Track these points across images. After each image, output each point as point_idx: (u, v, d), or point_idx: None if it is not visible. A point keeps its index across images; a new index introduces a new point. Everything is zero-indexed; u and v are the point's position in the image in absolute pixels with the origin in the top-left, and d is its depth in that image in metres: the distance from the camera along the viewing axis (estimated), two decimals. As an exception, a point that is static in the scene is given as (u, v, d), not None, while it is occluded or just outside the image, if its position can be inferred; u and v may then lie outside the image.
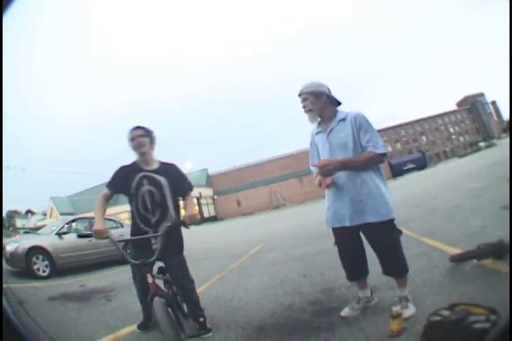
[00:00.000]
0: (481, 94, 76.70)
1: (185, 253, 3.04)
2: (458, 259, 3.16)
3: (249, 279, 4.62)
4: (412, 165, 46.58)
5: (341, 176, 2.49)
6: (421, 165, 47.13)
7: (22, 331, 1.53)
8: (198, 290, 4.35)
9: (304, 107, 2.59)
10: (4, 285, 2.87)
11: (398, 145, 70.13)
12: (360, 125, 2.47)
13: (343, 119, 2.53)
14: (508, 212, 4.26)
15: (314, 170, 2.71)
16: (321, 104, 2.56)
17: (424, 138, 72.49)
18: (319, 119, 2.63)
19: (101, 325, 3.31)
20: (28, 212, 54.32)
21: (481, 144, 54.46)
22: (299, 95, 2.62)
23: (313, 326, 2.53)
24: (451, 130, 74.10)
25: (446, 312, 1.96)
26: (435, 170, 30.63)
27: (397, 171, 44.14)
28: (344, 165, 2.42)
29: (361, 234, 2.56)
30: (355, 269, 2.63)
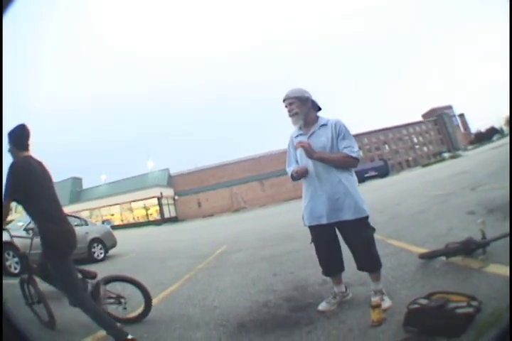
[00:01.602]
0: (449, 107, 79.96)
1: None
2: (427, 256, 3.33)
3: (219, 279, 4.64)
4: (374, 173, 47.73)
5: (319, 176, 2.65)
6: (383, 173, 48.39)
7: (22, 331, 1.51)
8: (169, 289, 4.37)
9: (289, 111, 2.74)
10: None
11: (360, 153, 71.81)
12: (340, 131, 2.68)
13: (324, 125, 2.73)
14: (474, 216, 4.53)
15: (289, 171, 2.87)
16: (306, 109, 2.73)
17: (386, 146, 74.38)
18: (302, 123, 2.75)
19: (78, 326, 3.12)
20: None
21: (445, 155, 56.21)
22: (284, 100, 2.76)
23: (294, 321, 2.62)
24: (415, 140, 76.67)
25: (424, 301, 2.14)
26: (397, 178, 31.49)
27: (359, 178, 45.02)
28: (319, 155, 2.59)
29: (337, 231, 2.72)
30: (332, 265, 2.77)
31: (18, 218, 10.74)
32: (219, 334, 2.61)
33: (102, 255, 8.98)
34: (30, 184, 2.56)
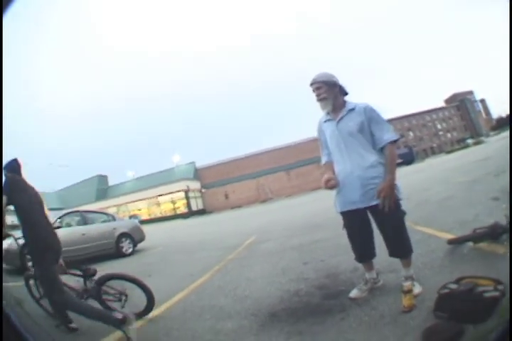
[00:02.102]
0: (470, 92, 77.95)
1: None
2: (455, 242, 3.29)
3: (249, 269, 4.63)
4: (399, 160, 46.99)
5: (351, 160, 2.59)
6: (408, 160, 47.68)
7: (22, 331, 1.50)
8: (199, 281, 4.38)
9: (317, 95, 2.67)
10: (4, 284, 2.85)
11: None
12: (372, 116, 2.60)
13: (352, 109, 2.64)
14: (499, 202, 4.39)
15: (324, 159, 2.86)
16: (333, 93, 2.66)
17: (411, 133, 73.43)
18: (331, 108, 2.67)
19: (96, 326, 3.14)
20: (17, 207, 52.46)
21: (469, 141, 55.10)
22: (312, 84, 2.68)
23: (326, 308, 2.59)
24: (439, 126, 75.55)
25: (454, 286, 2.12)
26: (422, 165, 30.96)
27: None
28: (392, 176, 2.49)
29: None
30: (365, 251, 2.73)
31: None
32: (251, 324, 2.59)
33: (131, 249, 9.07)
34: (16, 191, 2.95)
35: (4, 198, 2.82)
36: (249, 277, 4.16)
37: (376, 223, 2.63)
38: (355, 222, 2.66)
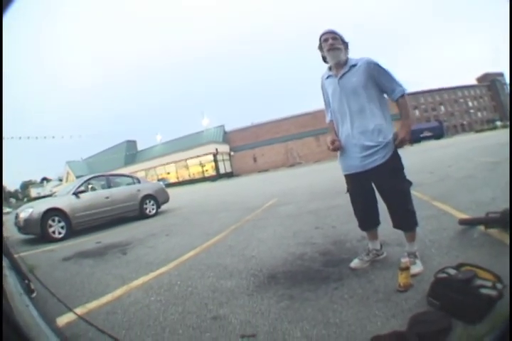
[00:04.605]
0: (501, 74, 76.64)
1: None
2: (467, 223, 3.16)
3: (263, 230, 4.70)
4: (429, 134, 46.34)
5: (353, 122, 2.48)
6: (438, 134, 46.91)
7: (22, 329, 1.53)
8: (212, 240, 4.47)
9: (331, 44, 2.50)
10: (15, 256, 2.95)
11: (417, 112, 70.37)
12: (378, 71, 2.45)
13: (354, 65, 2.50)
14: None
15: (328, 118, 2.77)
16: (345, 48, 2.55)
17: (442, 108, 73.05)
18: (343, 59, 2.52)
19: (114, 278, 3.38)
20: (44, 179, 54.16)
21: (498, 123, 54.41)
22: (327, 33, 2.53)
23: (323, 275, 2.57)
24: (470, 104, 75.20)
25: (453, 271, 1.98)
26: (451, 141, 29.96)
27: (415, 138, 43.66)
28: (411, 123, 2.45)
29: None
30: (367, 218, 2.66)
31: (69, 184, 11.47)
32: (248, 284, 2.62)
33: (154, 211, 9.33)
34: None
35: None
36: (261, 238, 4.22)
37: (379, 192, 2.52)
38: (357, 187, 2.58)
